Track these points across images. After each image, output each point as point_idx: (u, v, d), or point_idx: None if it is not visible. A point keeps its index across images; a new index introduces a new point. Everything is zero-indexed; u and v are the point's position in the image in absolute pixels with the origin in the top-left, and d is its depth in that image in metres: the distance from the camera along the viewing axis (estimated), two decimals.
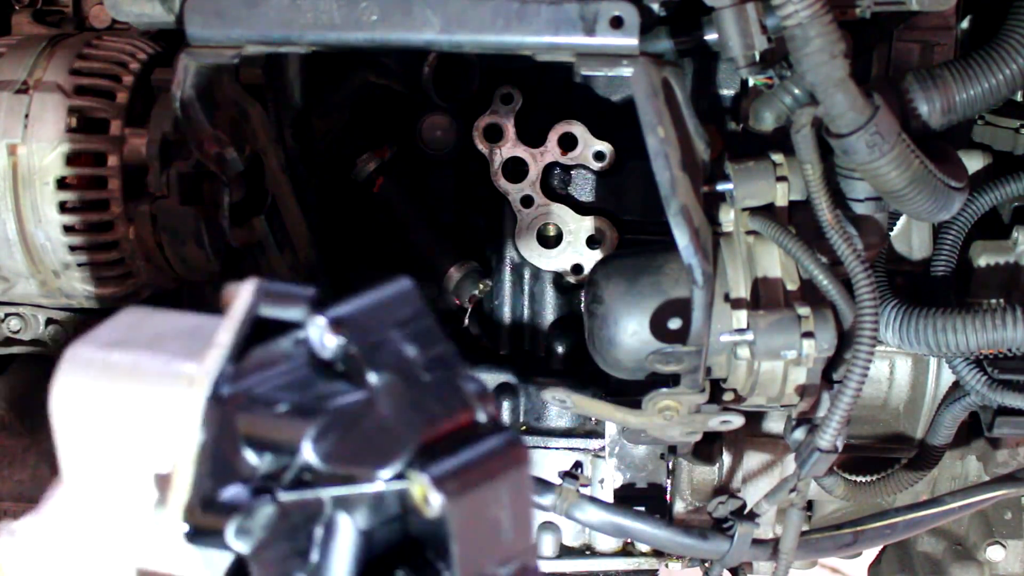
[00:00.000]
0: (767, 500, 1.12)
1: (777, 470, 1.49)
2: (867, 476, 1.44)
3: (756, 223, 1.09)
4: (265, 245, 1.25)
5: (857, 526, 1.16)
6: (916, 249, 1.34)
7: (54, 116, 1.26)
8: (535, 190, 1.36)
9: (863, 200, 1.12)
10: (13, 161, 1.26)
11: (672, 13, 1.06)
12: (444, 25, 1.02)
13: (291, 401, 0.57)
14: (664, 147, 0.99)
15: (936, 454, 1.42)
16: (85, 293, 1.35)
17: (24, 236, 1.28)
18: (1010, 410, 1.31)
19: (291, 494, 0.55)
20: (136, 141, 1.28)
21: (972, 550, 1.62)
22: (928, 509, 1.17)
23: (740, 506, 1.13)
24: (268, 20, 1.05)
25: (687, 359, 1.05)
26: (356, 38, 1.04)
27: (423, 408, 0.57)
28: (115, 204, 1.29)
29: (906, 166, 1.01)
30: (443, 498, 0.54)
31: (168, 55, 1.35)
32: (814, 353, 1.04)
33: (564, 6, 1.00)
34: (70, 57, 1.30)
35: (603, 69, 1.00)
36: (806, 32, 0.92)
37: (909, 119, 1.08)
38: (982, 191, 1.31)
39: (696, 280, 1.01)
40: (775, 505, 1.18)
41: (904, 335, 1.20)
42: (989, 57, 1.08)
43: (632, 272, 1.13)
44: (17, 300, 1.41)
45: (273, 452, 0.57)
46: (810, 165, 1.01)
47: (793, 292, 1.08)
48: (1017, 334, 1.14)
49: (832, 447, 1.05)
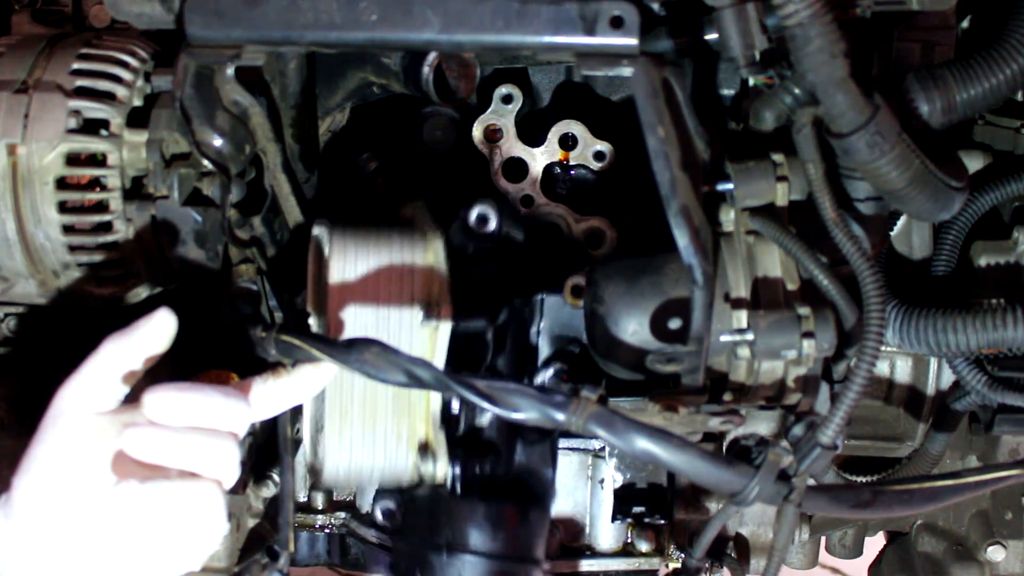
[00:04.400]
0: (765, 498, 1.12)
1: None
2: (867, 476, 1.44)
3: (756, 223, 1.09)
4: (265, 245, 1.25)
5: (876, 487, 1.12)
6: (916, 249, 1.34)
7: (54, 116, 1.26)
8: (535, 190, 1.36)
9: (864, 200, 1.12)
10: (13, 161, 1.26)
11: (672, 13, 1.06)
12: (444, 25, 1.02)
13: None
14: (664, 147, 0.99)
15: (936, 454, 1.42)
16: (85, 293, 1.35)
17: (24, 236, 1.28)
18: (1010, 409, 1.31)
19: None
20: (136, 141, 1.28)
21: (972, 550, 1.62)
22: (946, 481, 1.12)
23: (763, 439, 1.08)
24: (268, 20, 1.05)
25: (687, 359, 1.05)
26: (356, 38, 1.04)
27: None
28: (115, 204, 1.28)
29: (906, 166, 1.01)
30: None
31: (168, 55, 1.35)
32: (814, 353, 1.04)
33: (564, 6, 1.00)
34: (70, 57, 1.30)
35: (603, 69, 1.00)
36: (806, 32, 0.92)
37: (909, 119, 1.08)
38: (982, 191, 1.32)
39: (696, 280, 1.01)
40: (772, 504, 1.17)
41: (904, 335, 1.20)
42: (989, 57, 1.08)
43: (632, 272, 1.13)
44: (17, 300, 1.41)
45: None
46: (812, 164, 1.01)
47: (793, 292, 1.08)
48: (1017, 334, 1.14)
49: (833, 444, 1.05)
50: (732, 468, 0.98)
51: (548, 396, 0.93)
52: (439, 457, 1.16)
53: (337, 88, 1.28)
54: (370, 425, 1.14)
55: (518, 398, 0.93)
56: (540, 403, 0.92)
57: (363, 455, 1.15)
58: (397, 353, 0.97)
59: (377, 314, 1.12)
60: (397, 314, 1.12)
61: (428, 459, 1.15)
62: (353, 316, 1.12)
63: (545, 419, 0.92)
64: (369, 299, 1.12)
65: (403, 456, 1.16)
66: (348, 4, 1.03)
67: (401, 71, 1.17)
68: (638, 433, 0.93)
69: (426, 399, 1.15)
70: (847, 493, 1.10)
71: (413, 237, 1.16)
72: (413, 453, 1.16)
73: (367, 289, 1.13)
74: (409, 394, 1.14)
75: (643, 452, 0.94)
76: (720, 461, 0.97)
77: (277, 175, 1.22)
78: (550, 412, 0.92)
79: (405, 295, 1.13)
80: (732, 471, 0.98)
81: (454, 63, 1.16)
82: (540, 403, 0.92)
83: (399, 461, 1.16)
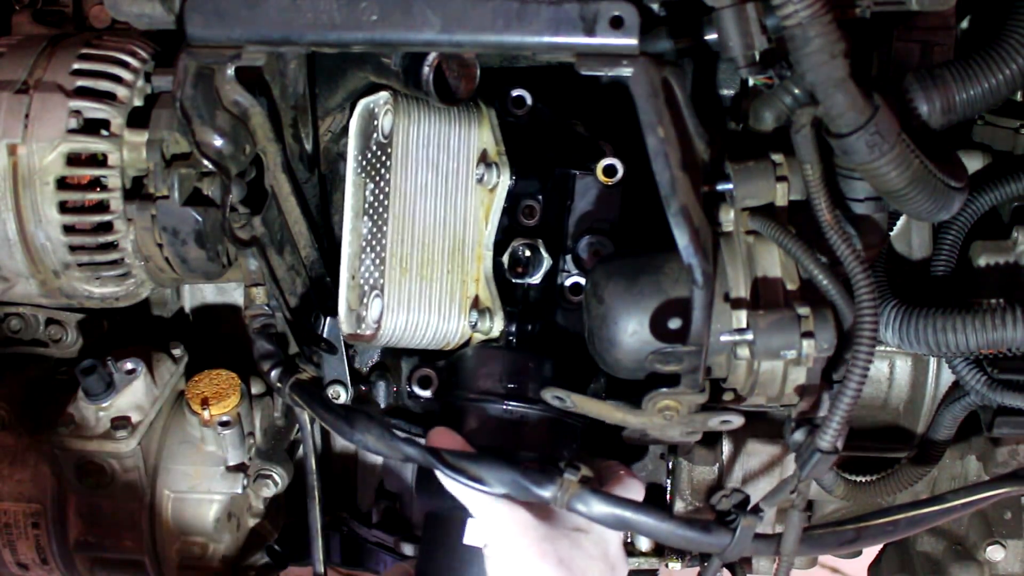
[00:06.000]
0: (766, 501, 1.12)
1: (777, 470, 1.50)
2: (867, 476, 1.44)
3: (756, 223, 1.09)
4: (265, 245, 1.25)
5: (859, 523, 1.16)
6: (916, 249, 1.34)
7: (54, 116, 1.26)
8: None
9: (863, 200, 1.12)
10: (13, 161, 1.26)
11: (672, 13, 1.06)
12: (444, 25, 1.02)
13: None
14: (664, 147, 0.99)
15: (936, 454, 1.42)
16: (85, 293, 1.35)
17: (24, 236, 1.28)
18: (1010, 410, 1.31)
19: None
20: (136, 141, 1.29)
21: (972, 550, 1.62)
22: (930, 507, 1.17)
23: (743, 499, 1.13)
24: (268, 20, 1.05)
25: (687, 359, 1.05)
26: (356, 38, 1.04)
27: None
28: (115, 204, 1.29)
29: (906, 166, 1.01)
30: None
31: (168, 55, 1.35)
32: (814, 353, 1.04)
33: (564, 6, 1.00)
34: (70, 57, 1.30)
35: (603, 69, 1.00)
36: (806, 32, 0.92)
37: (909, 119, 1.08)
38: (982, 191, 1.32)
39: (696, 280, 1.01)
40: (775, 506, 1.18)
41: (904, 335, 1.20)
42: (989, 57, 1.08)
43: (632, 272, 1.13)
44: (17, 300, 1.41)
45: None
46: (810, 165, 1.01)
47: (793, 292, 1.08)
48: (1017, 334, 1.14)
49: (833, 448, 1.05)
50: (710, 534, 1.09)
51: (534, 477, 1.05)
52: (495, 313, 1.22)
53: (337, 88, 1.28)
54: (427, 280, 1.20)
55: (506, 478, 1.05)
56: (527, 483, 1.05)
57: (420, 312, 1.20)
58: (392, 435, 1.10)
59: (437, 174, 1.21)
60: (455, 176, 1.21)
61: (485, 316, 1.22)
62: (415, 176, 1.20)
63: (531, 497, 1.05)
64: (431, 160, 1.20)
65: (455, 315, 1.21)
66: (348, 4, 1.03)
67: (401, 71, 1.17)
68: (619, 509, 1.05)
69: (478, 259, 1.22)
70: (829, 537, 1.16)
71: (468, 106, 1.23)
72: (464, 313, 1.21)
73: (429, 151, 1.21)
74: (463, 252, 1.22)
75: (625, 526, 1.07)
76: (697, 528, 1.08)
77: (277, 175, 1.23)
78: (535, 491, 1.05)
79: (463, 157, 1.22)
80: (710, 536, 1.09)
81: (454, 63, 1.17)
82: (527, 483, 1.05)
83: (451, 321, 1.21)
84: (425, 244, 1.21)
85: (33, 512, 1.49)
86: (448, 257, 1.22)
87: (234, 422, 1.45)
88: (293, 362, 1.26)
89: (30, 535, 1.50)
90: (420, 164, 1.20)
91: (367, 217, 1.24)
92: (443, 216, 1.22)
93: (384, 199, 1.21)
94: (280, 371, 1.22)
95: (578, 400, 1.14)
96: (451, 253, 1.22)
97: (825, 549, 1.19)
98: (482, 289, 1.23)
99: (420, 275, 1.20)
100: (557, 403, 1.16)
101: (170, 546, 1.49)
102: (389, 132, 1.21)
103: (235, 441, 1.47)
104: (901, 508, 1.17)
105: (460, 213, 1.22)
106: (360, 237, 1.25)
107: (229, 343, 1.63)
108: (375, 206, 1.23)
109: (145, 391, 1.45)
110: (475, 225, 1.23)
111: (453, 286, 1.22)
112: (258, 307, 1.27)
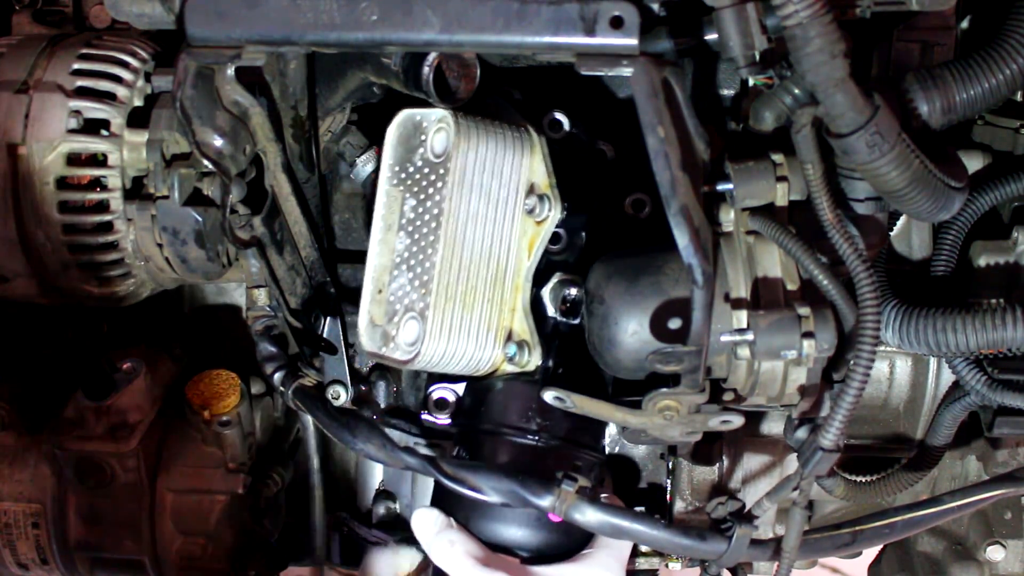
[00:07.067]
0: (768, 499, 1.12)
1: (777, 470, 1.50)
2: (867, 476, 1.44)
3: (756, 223, 1.09)
4: (265, 245, 1.25)
5: (856, 526, 1.16)
6: (916, 249, 1.34)
7: (54, 116, 1.26)
8: None
9: (863, 200, 1.12)
10: (13, 161, 1.26)
11: (672, 13, 1.06)
12: (444, 25, 1.02)
13: None
14: (664, 147, 0.99)
15: (936, 454, 1.42)
16: (85, 293, 1.35)
17: (24, 236, 1.28)
18: (1010, 410, 1.31)
19: None
20: (136, 141, 1.29)
21: (972, 550, 1.62)
22: (927, 508, 1.17)
23: (739, 507, 1.13)
24: (268, 20, 1.05)
25: (687, 359, 1.05)
26: (356, 38, 1.04)
27: None
28: (115, 204, 1.29)
29: (906, 166, 1.01)
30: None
31: (168, 55, 1.35)
32: (814, 353, 1.04)
33: (564, 6, 1.00)
34: (70, 57, 1.30)
35: (603, 69, 1.00)
36: (806, 32, 0.92)
37: (909, 119, 1.08)
38: (982, 191, 1.32)
39: (696, 280, 1.01)
40: (776, 505, 1.18)
41: (904, 335, 1.20)
42: (989, 57, 1.08)
43: (632, 272, 1.13)
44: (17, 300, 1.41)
45: None
46: (811, 165, 1.01)
47: (793, 292, 1.08)
48: (1017, 334, 1.14)
49: (835, 446, 1.05)
50: (706, 542, 1.12)
51: (532, 487, 1.10)
52: (534, 347, 1.22)
53: (337, 88, 1.28)
54: (468, 309, 1.18)
55: (504, 488, 1.10)
56: (525, 493, 1.10)
57: (459, 340, 1.18)
58: (394, 445, 1.14)
59: (488, 202, 1.18)
60: (504, 204, 1.19)
61: (524, 350, 1.21)
62: (468, 202, 1.17)
63: (529, 506, 1.11)
64: (484, 187, 1.18)
65: (490, 345, 1.20)
66: (348, 4, 1.03)
67: (401, 71, 1.17)
68: (615, 518, 1.09)
69: (516, 289, 1.20)
70: (825, 541, 1.18)
71: (521, 133, 1.21)
72: (499, 343, 1.20)
73: (484, 177, 1.18)
74: (503, 283, 1.20)
75: (623, 535, 1.10)
76: (693, 536, 1.12)
77: (277, 175, 1.23)
78: (533, 501, 1.10)
79: (513, 186, 1.19)
80: (706, 544, 1.12)
81: (454, 63, 1.17)
82: (525, 493, 1.10)
83: (485, 350, 1.20)
84: (471, 272, 1.17)
85: (33, 512, 1.49)
86: (490, 286, 1.19)
87: (234, 422, 1.45)
88: (296, 365, 1.25)
89: (30, 535, 1.50)
90: (474, 190, 1.17)
91: (404, 233, 1.18)
92: (489, 245, 1.18)
93: (431, 220, 1.16)
94: (283, 374, 1.22)
95: (578, 400, 1.14)
96: (492, 282, 1.19)
97: (821, 553, 1.20)
98: (518, 320, 1.21)
99: (463, 303, 1.17)
100: (557, 403, 1.16)
101: (170, 546, 1.49)
102: (443, 152, 1.16)
103: (235, 441, 1.47)
104: (898, 511, 1.17)
105: (505, 242, 1.19)
106: (392, 251, 1.18)
107: (229, 343, 1.63)
108: (416, 224, 1.17)
109: (145, 391, 1.45)
110: (517, 255, 1.20)
111: (491, 316, 1.19)
112: (260, 308, 1.27)
